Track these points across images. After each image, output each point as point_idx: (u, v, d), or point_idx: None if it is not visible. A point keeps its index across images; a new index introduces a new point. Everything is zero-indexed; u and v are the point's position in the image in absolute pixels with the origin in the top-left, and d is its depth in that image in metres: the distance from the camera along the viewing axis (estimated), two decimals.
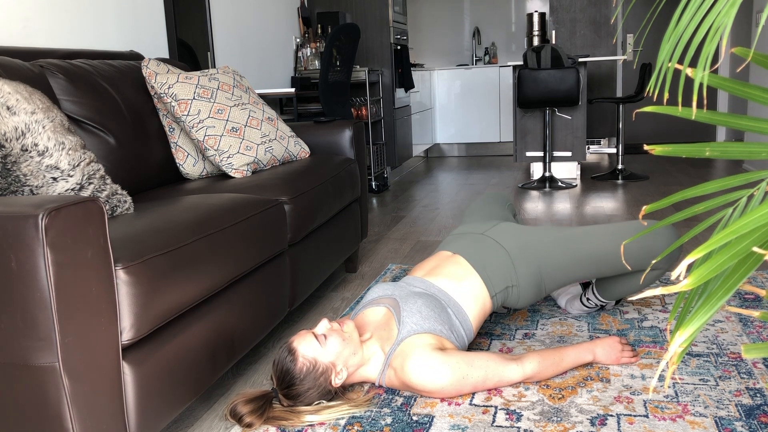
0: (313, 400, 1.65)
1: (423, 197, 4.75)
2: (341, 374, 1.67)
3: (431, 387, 1.65)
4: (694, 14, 0.80)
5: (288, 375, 1.63)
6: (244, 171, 2.39)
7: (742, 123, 0.90)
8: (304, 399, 1.64)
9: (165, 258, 1.43)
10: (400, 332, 1.73)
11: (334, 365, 1.66)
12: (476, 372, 1.69)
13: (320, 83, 4.13)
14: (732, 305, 2.32)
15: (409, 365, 1.65)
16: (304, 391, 1.63)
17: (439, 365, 1.65)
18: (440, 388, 1.66)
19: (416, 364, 1.65)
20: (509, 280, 1.91)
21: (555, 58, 4.68)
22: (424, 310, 1.77)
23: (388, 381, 1.74)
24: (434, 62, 7.65)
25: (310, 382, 1.63)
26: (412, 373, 1.65)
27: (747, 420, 1.54)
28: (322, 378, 1.64)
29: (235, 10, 4.07)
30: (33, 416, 1.22)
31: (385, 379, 1.74)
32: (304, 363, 1.63)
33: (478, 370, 1.69)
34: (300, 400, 1.64)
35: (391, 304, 1.83)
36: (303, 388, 1.63)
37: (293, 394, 1.63)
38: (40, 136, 1.55)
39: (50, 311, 1.16)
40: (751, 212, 0.73)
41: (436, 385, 1.65)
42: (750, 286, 0.85)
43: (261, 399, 1.64)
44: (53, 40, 2.58)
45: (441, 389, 1.66)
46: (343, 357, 1.67)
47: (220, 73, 2.55)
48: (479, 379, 1.69)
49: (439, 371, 1.65)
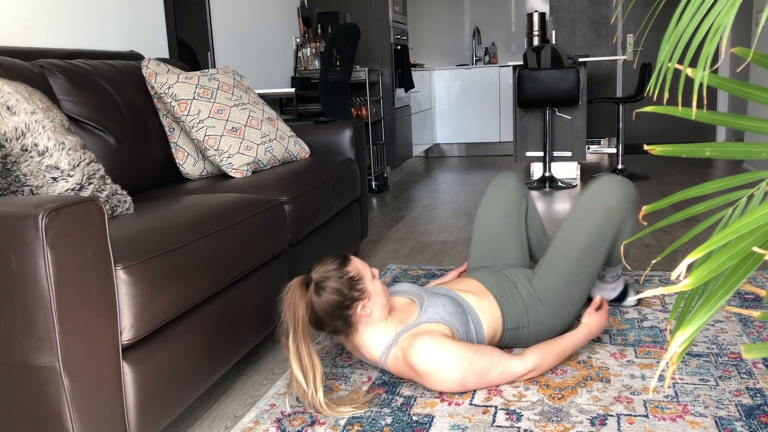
0: (328, 313, 1.67)
1: (423, 197, 4.75)
2: (367, 309, 1.70)
3: (435, 370, 1.65)
4: (694, 14, 0.80)
5: (334, 267, 1.68)
6: (244, 171, 2.39)
7: (742, 123, 0.90)
8: (325, 303, 1.66)
9: (165, 258, 1.42)
10: (419, 317, 1.76)
11: (369, 298, 1.71)
12: (481, 359, 1.69)
13: (320, 83, 4.13)
14: (732, 305, 2.32)
15: (417, 344, 1.66)
16: (333, 290, 1.66)
17: (446, 350, 1.66)
18: (444, 372, 1.65)
19: (425, 344, 1.65)
20: (521, 321, 1.91)
21: (555, 58, 4.68)
22: (447, 305, 1.80)
23: (391, 361, 1.74)
24: (434, 62, 7.64)
25: (344, 288, 1.66)
26: (419, 353, 1.65)
27: (747, 420, 1.54)
28: (354, 295, 1.68)
29: (235, 10, 4.07)
30: (33, 416, 1.22)
31: (389, 359, 1.74)
32: (354, 270, 1.69)
33: (483, 357, 1.70)
34: (322, 301, 1.66)
35: (415, 296, 1.87)
36: (335, 286, 1.66)
37: (324, 285, 1.66)
38: (40, 136, 1.55)
39: (50, 311, 1.16)
40: (751, 212, 0.73)
41: (440, 369, 1.65)
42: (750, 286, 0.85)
43: (299, 279, 1.68)
44: (53, 40, 2.58)
45: (444, 374, 1.66)
46: (376, 302, 1.71)
47: (220, 73, 2.55)
48: (484, 366, 1.69)
49: (445, 357, 1.65)
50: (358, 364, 1.96)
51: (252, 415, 1.69)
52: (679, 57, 0.79)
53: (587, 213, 1.93)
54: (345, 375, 1.89)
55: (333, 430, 1.60)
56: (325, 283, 1.67)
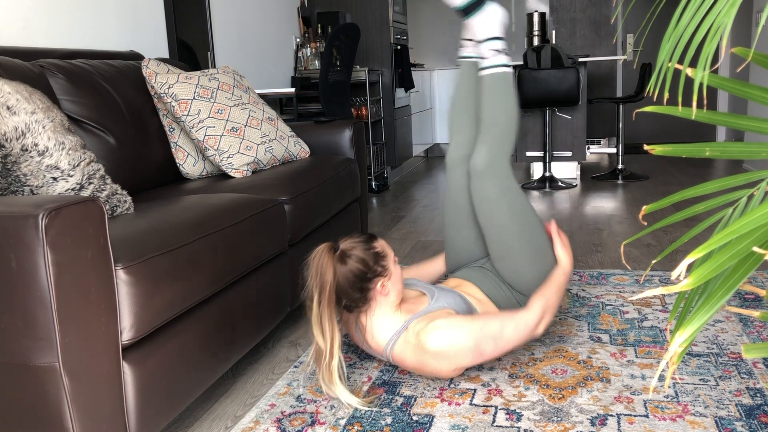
0: (350, 282, 1.70)
1: (423, 197, 4.75)
2: (386, 288, 1.74)
3: (450, 346, 1.67)
4: (694, 14, 0.80)
5: (361, 240, 1.74)
6: (244, 171, 2.39)
7: (742, 123, 0.91)
8: (349, 271, 1.70)
9: (165, 258, 1.43)
10: (430, 305, 1.80)
11: (390, 277, 1.74)
12: (491, 323, 1.73)
13: (320, 83, 4.13)
14: (732, 305, 2.33)
15: (431, 325, 1.69)
16: (358, 260, 1.70)
17: (457, 324, 1.70)
18: (459, 345, 1.68)
19: (438, 323, 1.69)
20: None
21: (555, 58, 4.68)
22: (457, 299, 1.85)
23: (399, 347, 1.75)
24: (434, 62, 7.65)
25: (369, 260, 1.71)
26: (432, 333, 1.68)
27: (747, 420, 1.54)
28: (378, 269, 1.72)
29: (235, 10, 4.07)
30: (33, 416, 1.22)
31: (396, 346, 1.75)
32: (380, 247, 1.75)
33: (493, 320, 1.74)
34: (346, 269, 1.70)
35: (426, 289, 1.91)
36: (361, 256, 1.71)
37: (350, 253, 1.71)
38: (40, 136, 1.55)
39: (50, 311, 1.16)
40: (751, 212, 0.73)
41: (455, 343, 1.67)
42: (750, 286, 0.85)
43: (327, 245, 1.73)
44: (53, 40, 2.58)
45: (459, 347, 1.68)
46: (395, 284, 1.76)
47: (220, 73, 2.55)
48: (496, 328, 1.72)
49: (457, 331, 1.68)
50: (358, 363, 1.96)
51: (252, 415, 1.69)
52: (679, 57, 0.79)
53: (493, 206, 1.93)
54: (345, 375, 1.89)
55: (333, 429, 1.60)
56: (352, 251, 1.71)
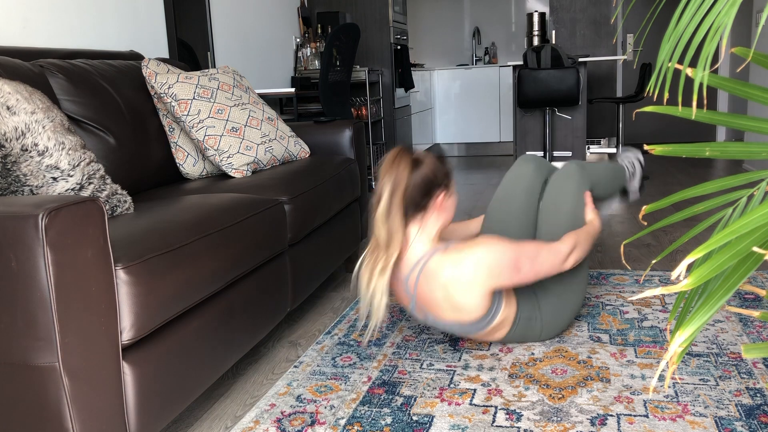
0: (418, 185, 1.78)
1: None
2: (445, 204, 1.85)
3: (490, 257, 1.75)
4: (694, 14, 0.80)
5: (436, 155, 1.86)
6: (244, 171, 2.39)
7: (742, 123, 0.91)
8: (420, 174, 1.79)
9: (165, 258, 1.43)
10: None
11: (450, 196, 1.86)
12: (528, 246, 1.83)
13: (320, 83, 4.13)
14: (732, 305, 2.32)
15: (475, 241, 1.80)
16: (430, 168, 1.80)
17: (496, 241, 1.80)
18: (499, 257, 1.76)
19: (482, 240, 1.80)
20: (534, 311, 1.97)
21: (555, 58, 4.68)
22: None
23: (433, 265, 1.79)
24: (434, 62, 7.64)
25: (438, 172, 1.82)
26: (473, 247, 1.77)
27: (747, 420, 1.54)
28: (444, 182, 1.83)
29: (235, 10, 4.07)
30: (33, 416, 1.22)
31: (431, 262, 1.80)
32: (449, 169, 1.87)
33: (529, 244, 1.84)
34: (419, 172, 1.79)
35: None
36: (432, 165, 1.81)
37: (423, 160, 1.80)
38: (40, 136, 1.55)
39: (50, 311, 1.16)
40: (751, 212, 0.73)
41: (495, 255, 1.76)
42: (750, 286, 0.85)
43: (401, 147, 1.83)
44: (53, 40, 2.58)
45: (499, 259, 1.76)
46: (450, 209, 1.88)
47: (220, 73, 2.55)
48: (532, 250, 1.82)
49: (497, 246, 1.79)
50: (358, 363, 1.96)
51: (252, 415, 1.69)
52: (679, 57, 0.79)
53: (557, 201, 2.08)
54: (345, 375, 1.89)
55: (333, 429, 1.60)
56: (425, 159, 1.81)
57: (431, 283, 1.79)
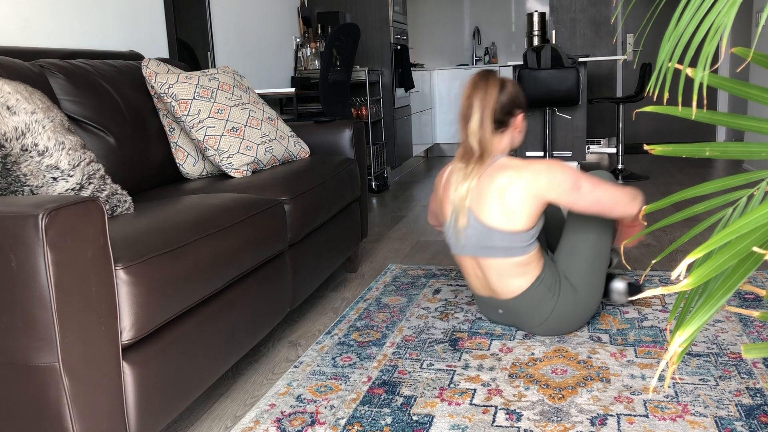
0: (503, 103, 1.99)
1: (423, 197, 4.75)
2: (522, 126, 2.07)
3: (557, 168, 1.90)
4: (694, 14, 0.80)
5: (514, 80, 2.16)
6: (244, 171, 2.39)
7: (742, 123, 0.90)
8: (506, 93, 2.00)
9: (165, 258, 1.43)
10: None
11: (524, 119, 2.07)
12: (594, 176, 1.95)
13: (320, 83, 4.13)
14: (732, 305, 2.32)
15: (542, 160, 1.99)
16: (513, 89, 2.02)
17: (564, 164, 1.95)
18: (564, 171, 1.91)
19: (549, 160, 1.97)
20: (554, 288, 2.03)
21: (555, 58, 4.68)
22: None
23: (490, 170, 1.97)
24: (434, 62, 7.64)
25: (519, 95, 2.03)
26: (538, 161, 1.94)
27: (747, 420, 1.54)
28: (524, 105, 2.05)
29: (235, 10, 4.07)
30: (33, 416, 1.22)
31: (503, 159, 1.99)
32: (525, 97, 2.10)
33: (592, 176, 1.96)
34: (505, 91, 2.00)
35: None
36: (515, 88, 2.02)
37: (507, 83, 2.01)
38: (40, 136, 1.55)
39: (50, 311, 1.16)
40: (751, 212, 0.73)
41: (561, 169, 1.91)
42: (750, 286, 0.85)
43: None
44: (53, 40, 2.58)
45: (564, 172, 1.90)
46: (523, 132, 2.10)
47: (220, 73, 2.55)
48: (595, 179, 1.92)
49: (565, 166, 1.93)
50: (358, 363, 1.96)
51: (252, 415, 1.69)
52: (679, 57, 0.79)
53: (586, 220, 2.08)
54: (345, 375, 1.89)
55: (333, 429, 1.60)
56: (508, 82, 2.02)
57: (491, 182, 1.95)
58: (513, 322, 2.12)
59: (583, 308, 2.04)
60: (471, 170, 2.00)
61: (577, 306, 2.03)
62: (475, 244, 1.99)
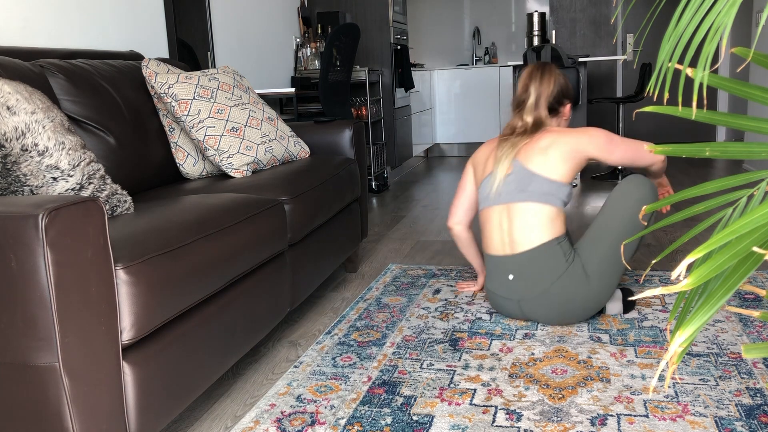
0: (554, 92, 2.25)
1: (423, 197, 4.75)
2: (567, 115, 2.34)
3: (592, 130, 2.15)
4: (694, 14, 0.80)
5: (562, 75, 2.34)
6: (244, 171, 2.39)
7: (742, 123, 0.90)
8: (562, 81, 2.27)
9: (165, 258, 1.43)
10: None
11: (571, 109, 2.35)
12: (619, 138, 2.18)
13: (320, 83, 4.13)
14: (732, 305, 2.32)
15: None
16: (564, 79, 2.28)
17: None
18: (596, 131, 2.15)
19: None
20: (569, 257, 2.11)
21: (555, 58, 4.68)
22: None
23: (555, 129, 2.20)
24: (434, 62, 7.64)
25: (569, 86, 2.30)
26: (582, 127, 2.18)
27: (747, 420, 1.54)
28: (573, 96, 2.32)
29: (235, 10, 4.07)
30: (33, 416, 1.22)
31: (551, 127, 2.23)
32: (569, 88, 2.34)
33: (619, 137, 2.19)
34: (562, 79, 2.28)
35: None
36: (565, 79, 2.29)
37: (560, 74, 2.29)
38: (40, 136, 1.55)
39: (50, 311, 1.16)
40: (751, 212, 0.73)
41: (593, 130, 2.15)
42: (750, 286, 0.85)
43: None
44: (53, 40, 2.58)
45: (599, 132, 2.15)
46: (568, 122, 2.38)
47: (220, 73, 2.55)
48: (622, 139, 2.16)
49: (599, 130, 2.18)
50: (358, 363, 1.96)
51: (252, 415, 1.69)
52: (679, 57, 0.79)
53: (621, 203, 2.16)
54: (345, 375, 1.89)
55: (333, 429, 1.60)
56: (560, 75, 2.28)
57: (538, 141, 2.15)
58: (518, 291, 2.13)
59: (585, 299, 2.07)
60: (521, 135, 2.21)
61: (579, 291, 2.06)
62: (515, 188, 2.14)
